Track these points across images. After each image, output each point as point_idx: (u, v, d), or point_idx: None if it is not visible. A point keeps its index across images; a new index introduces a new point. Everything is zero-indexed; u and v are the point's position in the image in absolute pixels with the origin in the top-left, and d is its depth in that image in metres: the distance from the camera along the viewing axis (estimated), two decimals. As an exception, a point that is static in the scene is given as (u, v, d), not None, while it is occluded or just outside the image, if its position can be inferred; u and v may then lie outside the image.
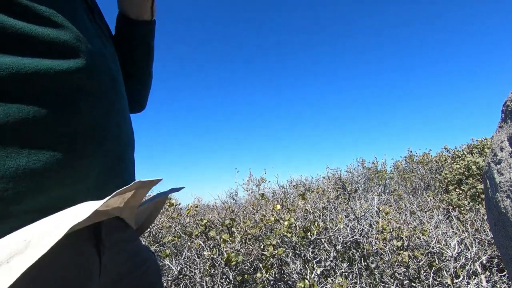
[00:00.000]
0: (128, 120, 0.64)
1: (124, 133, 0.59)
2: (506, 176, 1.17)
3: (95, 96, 0.52)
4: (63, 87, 0.47)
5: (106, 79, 0.56)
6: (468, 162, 4.49)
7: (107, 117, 0.54)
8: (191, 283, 2.30)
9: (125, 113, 0.62)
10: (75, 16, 0.54)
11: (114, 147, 0.55)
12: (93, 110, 0.51)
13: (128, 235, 0.64)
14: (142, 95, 0.89)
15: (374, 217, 2.95)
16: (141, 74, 0.85)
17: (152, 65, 0.88)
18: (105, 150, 0.52)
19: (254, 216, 3.11)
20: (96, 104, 0.52)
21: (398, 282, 2.24)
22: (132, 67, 0.83)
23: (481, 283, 2.09)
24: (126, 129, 0.61)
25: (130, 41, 0.81)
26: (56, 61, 0.46)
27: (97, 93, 0.52)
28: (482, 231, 2.83)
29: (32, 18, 0.46)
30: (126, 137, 0.60)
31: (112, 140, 0.54)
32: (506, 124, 1.26)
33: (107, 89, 0.55)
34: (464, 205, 3.97)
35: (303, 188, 5.14)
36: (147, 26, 0.81)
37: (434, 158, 5.75)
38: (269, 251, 2.23)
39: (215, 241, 2.48)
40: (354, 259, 2.51)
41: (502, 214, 1.20)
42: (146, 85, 0.88)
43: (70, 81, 0.48)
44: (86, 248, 0.49)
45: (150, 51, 0.85)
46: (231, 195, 5.52)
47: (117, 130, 0.56)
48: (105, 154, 0.52)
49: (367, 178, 5.66)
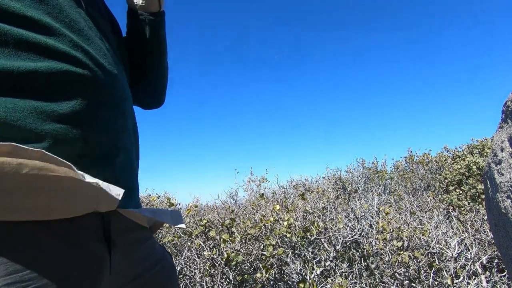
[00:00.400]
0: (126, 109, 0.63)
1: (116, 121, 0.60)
2: (507, 176, 1.17)
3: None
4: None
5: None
6: (468, 163, 4.49)
7: (94, 110, 0.55)
8: (191, 283, 2.30)
9: (124, 105, 0.62)
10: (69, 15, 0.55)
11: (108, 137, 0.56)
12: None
13: (142, 235, 0.65)
14: (158, 89, 0.88)
15: (374, 217, 2.95)
16: (157, 68, 0.85)
17: (167, 57, 0.87)
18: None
19: (254, 216, 3.11)
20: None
21: (398, 283, 2.24)
22: (146, 61, 0.83)
23: (481, 284, 2.09)
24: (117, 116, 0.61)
25: (141, 35, 0.81)
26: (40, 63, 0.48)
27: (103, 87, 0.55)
28: (482, 232, 2.82)
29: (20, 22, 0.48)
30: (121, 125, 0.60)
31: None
32: (506, 125, 1.26)
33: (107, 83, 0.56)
34: (464, 206, 3.96)
35: (303, 188, 5.14)
36: (156, 17, 0.81)
37: (434, 158, 5.75)
38: (269, 251, 2.22)
39: (215, 241, 2.48)
40: (354, 259, 2.50)
41: (502, 214, 1.20)
42: (163, 79, 0.88)
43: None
44: (94, 247, 0.50)
45: (162, 43, 0.84)
46: (231, 195, 5.52)
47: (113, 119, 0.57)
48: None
49: (367, 178, 5.66)
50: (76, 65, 0.51)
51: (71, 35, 0.53)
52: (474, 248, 2.35)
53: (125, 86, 0.65)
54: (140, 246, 0.63)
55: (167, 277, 0.68)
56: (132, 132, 0.64)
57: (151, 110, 0.92)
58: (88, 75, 0.52)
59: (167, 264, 0.69)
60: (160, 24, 0.82)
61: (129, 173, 0.62)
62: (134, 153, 0.64)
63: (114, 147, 0.56)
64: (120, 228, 0.57)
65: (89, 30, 0.58)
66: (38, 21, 0.49)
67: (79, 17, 0.57)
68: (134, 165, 0.65)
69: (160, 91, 0.89)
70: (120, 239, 0.57)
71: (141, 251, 0.63)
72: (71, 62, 0.50)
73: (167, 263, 0.69)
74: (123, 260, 0.57)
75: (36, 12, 0.49)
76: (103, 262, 0.51)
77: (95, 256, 0.50)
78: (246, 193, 5.42)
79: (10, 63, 0.45)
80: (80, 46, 0.53)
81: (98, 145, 0.52)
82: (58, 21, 0.52)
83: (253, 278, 2.28)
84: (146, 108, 0.91)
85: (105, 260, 0.52)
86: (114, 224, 0.55)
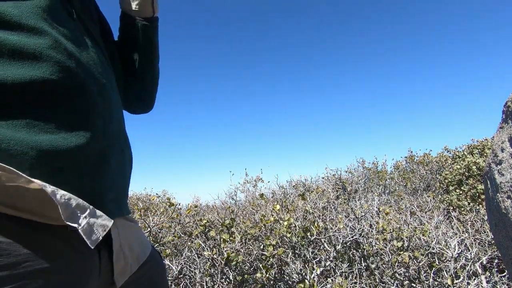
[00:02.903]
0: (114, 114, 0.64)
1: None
2: (507, 176, 1.17)
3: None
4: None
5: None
6: (469, 163, 4.49)
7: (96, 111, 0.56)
8: (191, 283, 2.30)
9: (112, 108, 0.62)
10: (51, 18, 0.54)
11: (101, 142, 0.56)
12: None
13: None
14: (149, 94, 0.88)
15: (374, 218, 2.95)
16: (148, 72, 0.85)
17: (158, 63, 0.87)
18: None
19: (254, 216, 3.11)
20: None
21: (398, 283, 2.24)
22: (138, 65, 0.83)
23: (481, 284, 2.09)
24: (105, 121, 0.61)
25: (133, 39, 0.81)
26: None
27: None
28: (482, 232, 2.82)
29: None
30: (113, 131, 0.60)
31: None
32: (507, 125, 1.26)
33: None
34: (464, 206, 3.96)
35: (302, 188, 5.14)
36: (149, 23, 0.81)
37: (435, 159, 5.74)
38: (269, 251, 2.22)
39: (215, 241, 2.48)
40: (354, 260, 2.50)
41: (502, 214, 1.20)
42: (153, 84, 0.88)
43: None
44: (86, 249, 0.50)
45: (154, 48, 0.84)
46: (231, 195, 5.51)
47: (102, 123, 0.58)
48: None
49: (367, 179, 5.65)
50: (69, 74, 0.51)
51: (65, 43, 0.53)
52: (474, 248, 2.35)
53: (115, 94, 0.65)
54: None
55: (157, 276, 0.68)
56: (121, 138, 0.64)
57: (140, 114, 0.92)
58: (79, 84, 0.52)
59: (158, 263, 0.69)
60: (153, 30, 0.83)
61: (122, 179, 0.62)
62: (124, 159, 0.64)
63: (107, 155, 0.56)
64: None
65: (82, 38, 0.59)
66: (35, 28, 0.49)
67: (73, 25, 0.58)
68: (126, 170, 0.65)
69: (151, 95, 0.89)
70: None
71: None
72: (63, 71, 0.50)
73: (157, 262, 0.69)
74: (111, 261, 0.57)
75: (32, 19, 0.49)
76: (93, 263, 0.51)
77: (85, 257, 0.50)
78: (243, 194, 5.41)
79: (3, 72, 0.45)
80: (73, 55, 0.53)
81: (91, 154, 0.52)
82: (53, 28, 0.52)
83: (253, 278, 2.28)
84: (134, 112, 0.90)
85: (95, 260, 0.52)
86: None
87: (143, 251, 0.65)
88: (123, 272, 0.58)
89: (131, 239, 0.62)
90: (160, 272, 0.70)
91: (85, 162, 0.51)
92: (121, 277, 0.58)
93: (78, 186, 0.49)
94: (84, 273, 0.49)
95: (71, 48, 0.53)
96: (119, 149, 0.62)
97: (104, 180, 0.55)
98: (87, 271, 0.50)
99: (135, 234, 0.65)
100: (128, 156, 0.67)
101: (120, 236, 0.58)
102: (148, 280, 0.65)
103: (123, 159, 0.63)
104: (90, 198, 0.50)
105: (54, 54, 0.50)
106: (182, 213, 3.43)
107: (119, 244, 0.58)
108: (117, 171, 0.60)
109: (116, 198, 0.59)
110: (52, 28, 0.52)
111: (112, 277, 0.56)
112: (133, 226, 0.66)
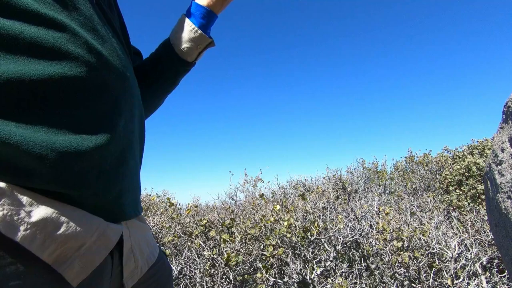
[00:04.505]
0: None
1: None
2: (507, 177, 1.17)
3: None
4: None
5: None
6: (469, 163, 4.49)
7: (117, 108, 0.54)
8: (191, 283, 2.30)
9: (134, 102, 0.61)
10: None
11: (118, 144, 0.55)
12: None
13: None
14: (146, 116, 0.89)
15: (374, 218, 2.95)
16: (155, 100, 0.86)
17: (167, 96, 0.90)
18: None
19: (254, 216, 3.11)
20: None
21: (398, 283, 2.24)
22: (150, 90, 0.82)
23: (481, 284, 2.09)
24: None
25: (162, 70, 0.81)
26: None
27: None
28: (482, 232, 2.82)
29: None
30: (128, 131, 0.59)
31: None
32: (507, 125, 1.26)
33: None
34: (464, 206, 3.96)
35: (302, 189, 5.14)
36: (186, 66, 0.81)
37: (435, 159, 5.75)
38: (269, 251, 2.22)
39: (215, 241, 2.48)
40: (354, 260, 2.50)
41: (502, 215, 1.20)
42: (153, 111, 0.90)
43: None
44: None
45: (174, 87, 0.86)
46: (231, 195, 5.51)
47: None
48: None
49: (367, 179, 5.66)
50: (89, 70, 0.48)
51: (86, 36, 0.49)
52: (474, 249, 2.35)
53: (137, 87, 0.63)
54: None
55: (165, 278, 0.68)
56: (138, 135, 0.63)
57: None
58: (101, 80, 0.50)
59: (165, 265, 0.69)
60: (184, 73, 0.84)
61: (137, 177, 0.61)
62: (138, 157, 0.63)
63: (126, 156, 0.55)
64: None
65: (102, 28, 0.55)
66: (53, 20, 0.45)
67: (93, 13, 0.54)
68: (139, 168, 0.64)
69: (147, 117, 0.90)
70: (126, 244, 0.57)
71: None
72: (84, 67, 0.47)
73: (164, 263, 0.69)
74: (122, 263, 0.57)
75: (51, 9, 0.46)
76: (106, 265, 0.51)
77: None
78: (243, 194, 5.41)
79: (21, 68, 0.41)
80: (94, 48, 0.50)
81: (111, 155, 0.51)
82: (73, 19, 0.49)
83: (253, 278, 2.28)
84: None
85: (107, 262, 0.51)
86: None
87: (152, 253, 0.65)
88: (133, 275, 0.57)
89: (142, 240, 0.62)
90: (167, 274, 0.69)
91: (104, 163, 0.49)
92: (130, 279, 0.57)
93: (98, 189, 0.48)
94: (102, 272, 0.49)
95: (91, 40, 0.50)
96: (136, 148, 0.61)
97: (123, 181, 0.54)
98: (105, 270, 0.49)
99: (145, 235, 0.64)
100: (140, 152, 0.65)
101: (131, 238, 0.57)
102: (156, 282, 0.64)
103: (139, 157, 0.63)
104: (109, 201, 0.49)
105: (73, 49, 0.47)
106: (182, 213, 3.43)
107: (130, 246, 0.57)
108: (134, 171, 0.59)
109: (133, 198, 0.59)
110: (71, 19, 0.48)
111: (121, 279, 0.55)
112: (144, 227, 0.65)
